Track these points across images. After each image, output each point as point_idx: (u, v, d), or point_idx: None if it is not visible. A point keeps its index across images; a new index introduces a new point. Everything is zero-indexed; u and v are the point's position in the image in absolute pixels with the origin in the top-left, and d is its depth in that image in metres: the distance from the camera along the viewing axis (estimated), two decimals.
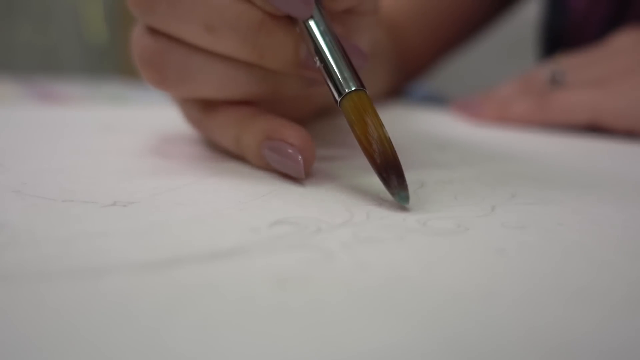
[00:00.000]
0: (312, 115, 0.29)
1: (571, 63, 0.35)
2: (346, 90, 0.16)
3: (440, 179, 0.19)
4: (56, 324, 0.09)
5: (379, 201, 0.16)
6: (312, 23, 0.17)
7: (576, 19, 0.45)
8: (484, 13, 0.49)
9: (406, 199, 0.16)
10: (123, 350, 0.08)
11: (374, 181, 0.18)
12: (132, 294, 0.10)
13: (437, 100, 0.50)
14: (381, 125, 0.16)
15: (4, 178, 0.17)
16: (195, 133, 0.25)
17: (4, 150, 0.23)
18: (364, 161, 0.22)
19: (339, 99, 0.17)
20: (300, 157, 0.17)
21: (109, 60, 1.40)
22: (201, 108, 0.21)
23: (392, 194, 0.16)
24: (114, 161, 0.21)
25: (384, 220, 0.15)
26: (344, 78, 0.17)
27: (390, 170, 0.16)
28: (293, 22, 0.18)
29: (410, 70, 0.47)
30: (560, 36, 0.48)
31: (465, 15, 0.48)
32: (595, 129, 0.31)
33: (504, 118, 0.35)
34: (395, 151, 0.16)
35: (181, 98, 0.21)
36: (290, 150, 0.17)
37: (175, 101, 0.23)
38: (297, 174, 0.18)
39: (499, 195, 0.17)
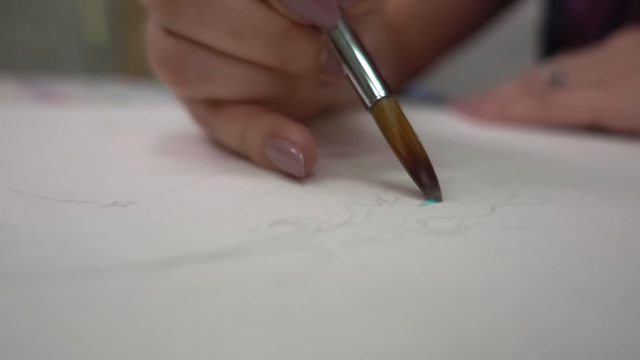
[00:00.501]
0: (316, 115, 0.29)
1: (572, 64, 0.34)
2: (377, 97, 0.17)
3: (440, 178, 0.19)
4: (56, 324, 0.09)
5: (379, 201, 0.16)
6: (337, 32, 0.18)
7: (576, 19, 0.45)
8: (484, 13, 0.49)
9: (439, 197, 0.17)
10: (123, 350, 0.08)
11: (375, 181, 0.18)
12: (131, 294, 0.10)
13: (437, 100, 0.50)
14: (412, 129, 0.17)
15: (4, 178, 0.17)
16: (195, 132, 0.25)
17: (4, 150, 0.23)
18: (364, 160, 0.22)
19: (370, 105, 0.17)
20: (301, 155, 0.17)
21: (109, 60, 1.40)
22: (207, 106, 0.21)
23: (426, 194, 0.17)
24: (114, 161, 0.21)
25: (384, 220, 0.15)
26: (373, 85, 0.17)
27: (422, 172, 0.17)
28: (317, 30, 0.18)
29: (411, 70, 0.47)
30: (560, 36, 0.48)
31: (466, 15, 0.48)
32: (595, 129, 0.31)
33: (504, 118, 0.35)
34: (426, 153, 0.17)
35: (194, 98, 0.21)
36: (292, 149, 0.18)
37: (180, 100, 0.23)
38: (298, 173, 0.18)
39: (499, 195, 0.17)
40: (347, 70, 0.18)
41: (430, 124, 0.34)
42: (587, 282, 0.11)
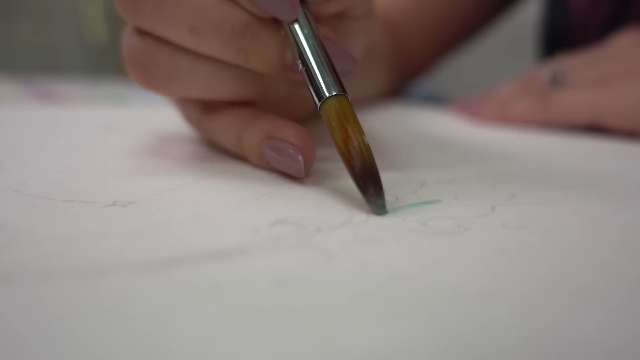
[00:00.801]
0: (311, 115, 0.29)
1: (572, 63, 0.34)
2: (326, 95, 0.16)
3: (440, 178, 0.19)
4: (56, 324, 0.09)
5: None
6: (296, 26, 0.17)
7: (576, 18, 0.45)
8: (484, 13, 0.49)
9: (383, 207, 0.15)
10: (123, 350, 0.08)
11: None
12: (132, 294, 0.10)
13: (437, 100, 0.50)
14: (361, 132, 0.16)
15: (4, 178, 0.17)
16: (194, 133, 0.25)
17: (4, 150, 0.23)
18: None
19: (319, 104, 0.16)
20: (300, 156, 0.17)
21: (109, 60, 1.40)
22: (201, 109, 0.21)
23: (368, 202, 0.15)
24: (114, 161, 0.21)
25: (384, 220, 0.15)
26: (325, 82, 0.16)
27: (367, 179, 0.15)
28: (279, 25, 0.18)
29: (411, 70, 0.47)
30: (560, 36, 0.48)
31: (465, 15, 0.48)
32: (595, 129, 0.31)
33: (504, 118, 0.35)
34: (373, 159, 0.16)
35: (171, 98, 0.21)
36: (291, 150, 0.17)
37: (173, 102, 0.23)
38: (298, 174, 0.18)
39: (499, 195, 0.17)
40: (301, 67, 0.17)
41: (430, 124, 0.34)
42: (586, 282, 0.11)
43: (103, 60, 1.41)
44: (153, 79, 0.19)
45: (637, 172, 0.22)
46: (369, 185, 0.15)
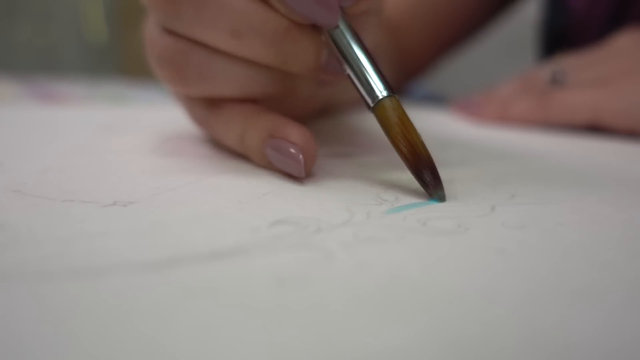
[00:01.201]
0: (314, 114, 0.29)
1: (572, 63, 0.34)
2: (379, 97, 0.17)
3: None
4: (56, 324, 0.09)
5: (379, 201, 0.16)
6: (339, 32, 0.18)
7: (576, 18, 0.45)
8: (484, 12, 0.49)
9: (443, 197, 0.17)
10: (123, 350, 0.08)
11: (375, 181, 0.18)
12: (132, 294, 0.10)
13: (437, 100, 0.50)
14: (414, 129, 0.17)
15: (4, 178, 0.17)
16: (195, 133, 0.25)
17: (4, 150, 0.23)
18: (364, 160, 0.22)
19: (372, 105, 0.17)
20: (301, 156, 0.17)
21: (109, 60, 1.40)
22: (206, 106, 0.21)
23: (430, 194, 0.17)
24: (114, 161, 0.21)
25: (384, 220, 0.15)
26: (375, 85, 0.17)
27: (426, 172, 0.17)
28: (317, 29, 0.18)
29: (411, 70, 0.47)
30: (560, 36, 0.48)
31: (466, 14, 0.48)
32: (595, 129, 0.31)
33: (505, 118, 0.35)
34: (429, 153, 0.17)
35: (193, 96, 0.21)
36: (292, 150, 0.18)
37: (179, 99, 0.23)
38: (298, 173, 0.18)
39: (499, 195, 0.17)
40: (348, 70, 0.18)
41: (430, 124, 0.34)
42: (587, 282, 0.11)
43: (103, 60, 1.41)
44: (186, 79, 0.19)
45: (637, 172, 0.22)
46: (429, 178, 0.17)
